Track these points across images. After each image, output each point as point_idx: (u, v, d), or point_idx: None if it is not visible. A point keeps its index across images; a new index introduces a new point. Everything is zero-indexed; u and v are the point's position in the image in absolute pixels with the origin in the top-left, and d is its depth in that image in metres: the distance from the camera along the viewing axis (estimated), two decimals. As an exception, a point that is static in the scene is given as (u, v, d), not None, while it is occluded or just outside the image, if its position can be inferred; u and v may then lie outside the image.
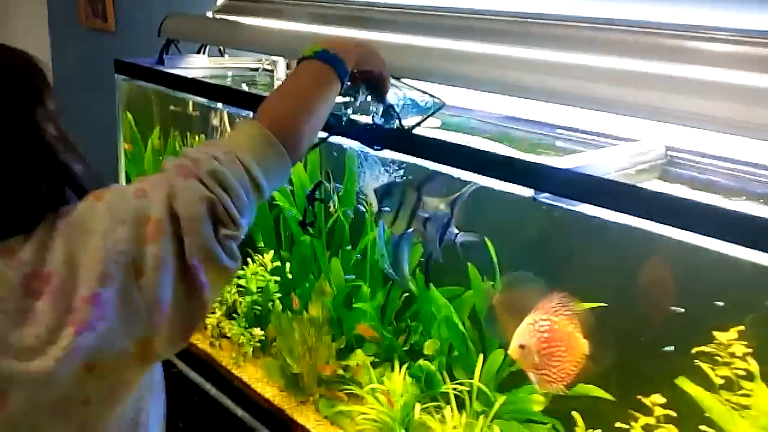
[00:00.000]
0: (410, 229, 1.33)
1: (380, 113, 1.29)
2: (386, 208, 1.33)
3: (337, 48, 1.05)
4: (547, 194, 1.09)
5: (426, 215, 1.32)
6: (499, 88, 1.31)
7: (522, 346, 1.28)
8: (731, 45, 1.13)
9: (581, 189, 1.03)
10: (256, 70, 2.16)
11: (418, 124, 1.28)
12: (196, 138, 2.14)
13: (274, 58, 2.10)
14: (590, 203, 1.02)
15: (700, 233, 0.90)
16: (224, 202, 0.81)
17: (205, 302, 0.80)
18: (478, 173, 1.17)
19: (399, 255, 1.39)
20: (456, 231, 1.32)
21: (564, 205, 1.08)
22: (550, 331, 1.27)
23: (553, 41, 1.33)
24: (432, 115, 1.30)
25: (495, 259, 1.44)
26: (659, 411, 1.21)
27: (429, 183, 1.34)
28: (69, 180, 0.82)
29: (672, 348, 1.22)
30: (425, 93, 1.33)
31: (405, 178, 1.42)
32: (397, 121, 1.28)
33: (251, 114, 1.65)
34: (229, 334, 1.95)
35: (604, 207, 1.00)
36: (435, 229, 1.31)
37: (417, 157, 1.29)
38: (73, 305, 0.72)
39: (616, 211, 0.99)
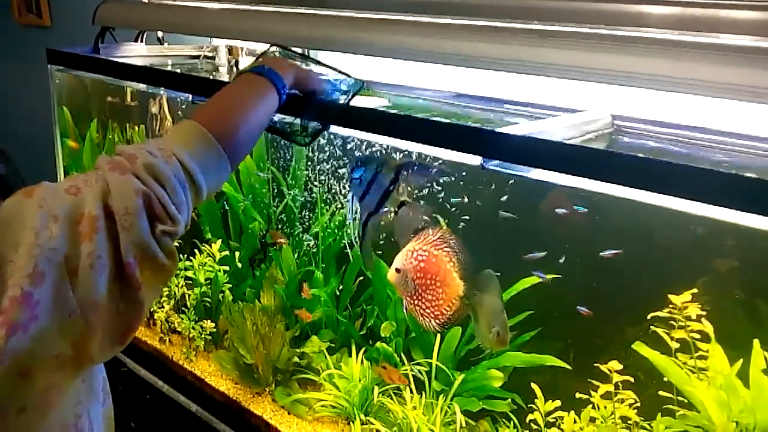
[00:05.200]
0: (384, 209, 1.28)
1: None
2: (356, 179, 1.28)
3: (274, 65, 1.10)
4: (496, 162, 1.07)
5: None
6: (444, 59, 1.28)
7: (398, 270, 1.28)
8: (671, 7, 1.14)
9: (535, 154, 1.01)
10: (197, 57, 2.10)
11: (349, 101, 1.25)
12: (136, 129, 2.07)
13: (215, 43, 2.04)
14: (545, 168, 1.00)
15: (660, 192, 0.90)
16: (160, 197, 0.79)
17: (141, 303, 0.77)
18: (428, 143, 1.14)
19: (365, 233, 1.34)
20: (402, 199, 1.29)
21: (514, 172, 1.06)
22: (427, 263, 1.28)
23: (497, 10, 1.31)
24: (356, 94, 1.26)
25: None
26: (617, 377, 1.21)
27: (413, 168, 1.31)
28: None
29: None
30: (344, 74, 1.28)
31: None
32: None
33: (190, 97, 1.62)
34: (179, 329, 1.89)
35: (559, 171, 0.99)
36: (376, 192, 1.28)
37: (365, 131, 1.26)
38: (2, 306, 0.67)
39: (570, 174, 0.97)
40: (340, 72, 1.28)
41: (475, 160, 1.09)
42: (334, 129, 1.31)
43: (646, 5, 1.15)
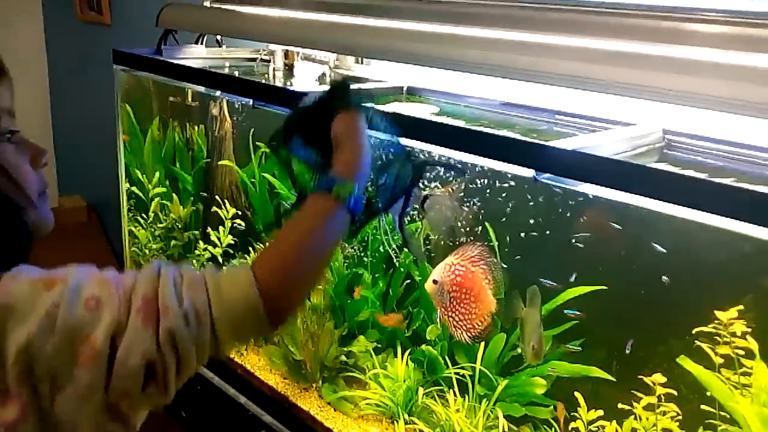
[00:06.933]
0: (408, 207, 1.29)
1: None
2: (381, 185, 1.29)
3: (363, 179, 0.90)
4: (548, 175, 1.10)
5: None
6: (501, 72, 1.31)
7: (435, 281, 1.34)
8: (724, 26, 1.15)
9: (587, 169, 1.03)
10: (254, 60, 2.16)
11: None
12: (195, 128, 2.14)
13: (272, 47, 2.10)
14: (595, 183, 1.03)
15: (705, 210, 0.92)
16: (167, 367, 0.72)
17: (133, 427, 0.74)
18: (483, 156, 1.17)
19: (404, 231, 1.35)
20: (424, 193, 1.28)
21: (565, 186, 1.09)
22: (464, 278, 1.33)
23: (551, 25, 1.34)
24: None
25: (495, 242, 1.45)
26: (660, 390, 1.22)
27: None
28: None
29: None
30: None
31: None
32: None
33: (251, 102, 1.68)
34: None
35: (609, 187, 1.01)
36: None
37: (419, 141, 1.29)
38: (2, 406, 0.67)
39: (622, 190, 0.99)
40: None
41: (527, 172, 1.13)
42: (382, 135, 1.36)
43: (698, 24, 1.17)
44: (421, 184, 1.26)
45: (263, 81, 1.88)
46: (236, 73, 1.96)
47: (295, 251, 0.80)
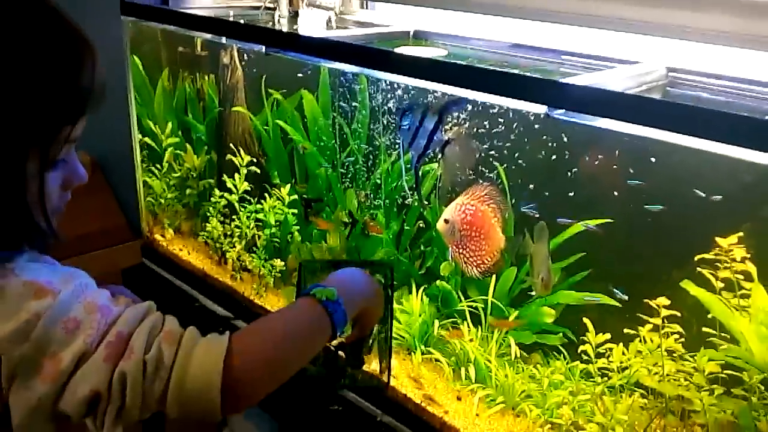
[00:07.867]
0: (429, 150, 1.36)
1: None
2: (405, 126, 1.35)
3: (348, 296, 0.96)
4: (561, 111, 1.15)
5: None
6: (507, 11, 1.35)
7: (446, 221, 1.41)
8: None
9: (601, 104, 1.09)
10: (258, 8, 2.18)
11: None
12: (206, 78, 2.17)
13: (277, -5, 2.11)
14: (610, 117, 1.09)
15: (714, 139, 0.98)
16: (108, 407, 0.76)
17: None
18: (496, 93, 1.22)
19: (418, 176, 1.42)
20: (445, 138, 1.33)
21: (578, 120, 1.15)
22: (474, 216, 1.39)
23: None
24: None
25: (505, 180, 1.51)
26: (665, 312, 1.30)
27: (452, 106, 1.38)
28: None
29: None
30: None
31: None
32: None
33: (263, 49, 1.70)
34: (249, 267, 2.02)
35: (623, 120, 1.07)
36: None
37: (432, 81, 1.34)
38: None
39: (636, 123, 1.05)
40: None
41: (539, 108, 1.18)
42: (398, 78, 1.40)
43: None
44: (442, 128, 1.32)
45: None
46: (242, 22, 1.97)
47: (277, 339, 0.87)
